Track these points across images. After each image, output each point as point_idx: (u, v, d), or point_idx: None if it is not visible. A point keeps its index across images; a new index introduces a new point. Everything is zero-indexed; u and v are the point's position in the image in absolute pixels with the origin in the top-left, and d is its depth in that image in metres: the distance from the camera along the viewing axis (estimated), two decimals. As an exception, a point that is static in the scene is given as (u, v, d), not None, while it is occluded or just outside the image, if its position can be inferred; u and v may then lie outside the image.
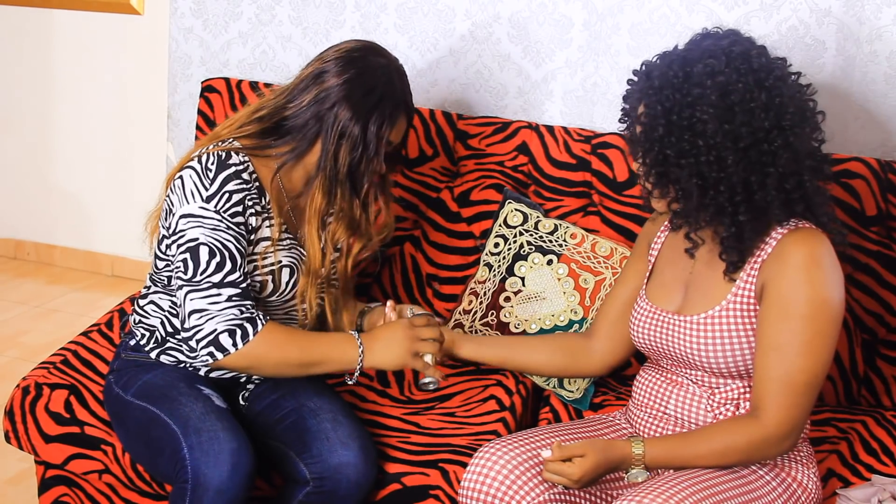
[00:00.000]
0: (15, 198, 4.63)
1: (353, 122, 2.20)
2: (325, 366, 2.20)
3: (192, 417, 2.13)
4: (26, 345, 3.82)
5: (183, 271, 2.12)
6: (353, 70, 2.23)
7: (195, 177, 2.15)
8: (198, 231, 2.12)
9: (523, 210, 2.73)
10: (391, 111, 2.23)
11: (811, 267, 1.91)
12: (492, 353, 2.33)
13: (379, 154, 2.23)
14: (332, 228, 2.28)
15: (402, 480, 2.23)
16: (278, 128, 2.27)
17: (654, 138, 1.94)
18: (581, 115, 2.98)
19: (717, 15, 2.79)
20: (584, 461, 1.90)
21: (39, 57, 4.40)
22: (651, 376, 2.16)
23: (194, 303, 2.11)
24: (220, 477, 2.05)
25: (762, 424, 1.92)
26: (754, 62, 1.92)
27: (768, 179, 1.92)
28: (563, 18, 2.95)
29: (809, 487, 2.03)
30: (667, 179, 1.97)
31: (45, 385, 2.43)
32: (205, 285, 2.10)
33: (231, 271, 2.12)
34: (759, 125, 1.90)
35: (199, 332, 2.10)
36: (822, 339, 1.91)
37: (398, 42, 3.11)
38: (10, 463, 3.03)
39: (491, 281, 2.70)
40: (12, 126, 4.55)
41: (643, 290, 2.19)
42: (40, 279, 4.42)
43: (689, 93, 1.90)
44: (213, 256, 2.11)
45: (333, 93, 2.21)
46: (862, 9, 2.69)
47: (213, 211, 2.13)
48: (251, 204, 2.18)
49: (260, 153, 2.25)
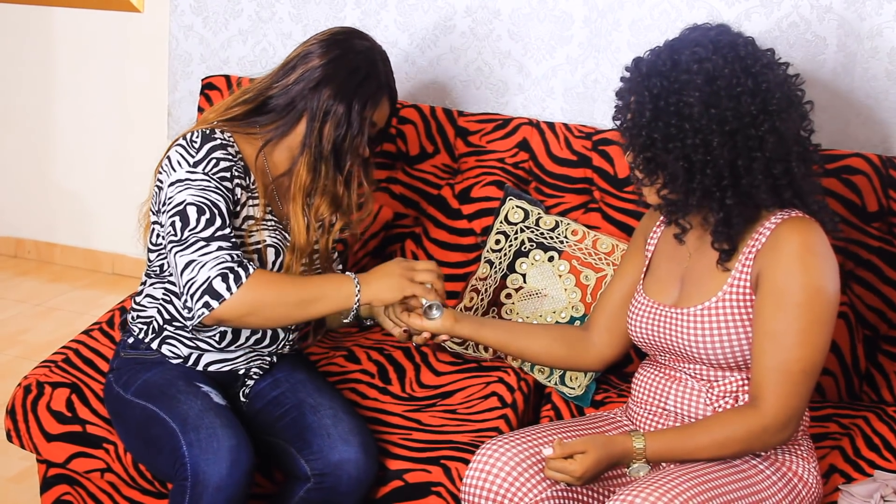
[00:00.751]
0: (15, 196, 4.63)
1: (337, 100, 2.23)
2: (324, 302, 2.15)
3: (191, 415, 2.13)
4: (27, 343, 3.82)
5: (173, 234, 2.12)
6: (338, 51, 2.27)
7: (181, 150, 2.18)
8: (185, 193, 2.13)
9: (524, 207, 2.73)
10: (374, 92, 2.27)
11: (805, 255, 1.92)
12: (492, 335, 2.28)
13: (362, 133, 2.26)
14: (316, 204, 2.29)
15: (404, 477, 2.23)
16: (263, 107, 2.30)
17: (642, 124, 1.95)
18: (582, 111, 2.98)
19: (717, 11, 2.79)
20: (585, 458, 1.90)
21: (40, 54, 4.40)
22: (649, 373, 2.16)
23: (185, 257, 2.09)
24: (219, 474, 2.05)
25: (761, 413, 1.92)
26: (741, 50, 1.94)
27: (755, 164, 1.93)
28: (563, 15, 2.95)
29: (810, 482, 2.03)
30: (655, 165, 1.98)
31: (46, 384, 2.42)
32: (193, 240, 2.10)
33: (221, 227, 2.12)
34: (746, 110, 1.91)
35: (193, 283, 2.07)
36: (818, 328, 1.91)
37: (398, 39, 3.11)
38: (12, 461, 3.03)
39: (492, 278, 2.70)
40: (12, 124, 4.54)
41: (640, 286, 2.19)
42: (41, 277, 4.42)
43: (677, 79, 1.92)
44: (202, 213, 2.11)
45: (318, 73, 2.25)
46: (863, 5, 2.69)
47: (201, 173, 2.15)
48: (237, 174, 2.21)
49: (244, 131, 2.28)
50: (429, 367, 2.62)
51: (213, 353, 2.30)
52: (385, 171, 2.96)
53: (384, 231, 2.92)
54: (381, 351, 2.67)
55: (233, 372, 2.34)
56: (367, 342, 2.73)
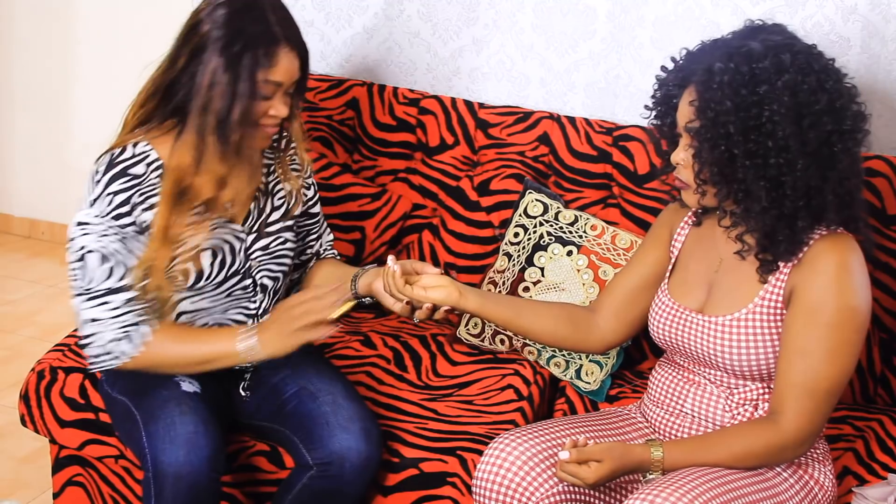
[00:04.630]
0: (31, 177, 4.63)
1: (221, 69, 2.03)
2: (221, 361, 2.14)
3: (154, 406, 2.11)
4: (40, 324, 3.83)
5: (77, 278, 2.10)
6: (224, 12, 2.05)
7: (90, 180, 2.11)
8: (86, 239, 2.08)
9: (543, 200, 2.72)
10: (265, 49, 2.04)
11: (842, 274, 1.90)
12: (497, 311, 2.20)
13: (256, 96, 2.05)
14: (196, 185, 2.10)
15: (419, 466, 2.23)
16: (171, 98, 2.10)
17: (721, 135, 1.88)
18: (603, 106, 2.97)
19: (741, 9, 2.78)
20: (600, 467, 1.87)
21: (59, 36, 4.40)
22: (668, 373, 2.15)
23: (90, 311, 2.09)
24: (176, 462, 2.02)
25: (781, 430, 1.91)
26: (815, 64, 1.89)
27: (827, 184, 1.90)
28: (587, 10, 2.94)
29: (826, 485, 2.03)
30: (731, 178, 1.91)
31: (59, 369, 2.43)
32: (99, 292, 2.08)
33: (123, 276, 2.08)
34: (823, 128, 1.87)
35: (95, 342, 2.10)
36: (847, 348, 1.90)
37: (421, 29, 3.11)
38: (25, 441, 3.04)
39: (510, 270, 2.70)
40: (29, 105, 4.55)
41: (665, 285, 2.17)
42: (55, 259, 4.42)
43: (756, 91, 1.85)
44: (103, 262, 2.08)
45: (205, 42, 2.04)
46: (888, 6, 2.68)
47: (94, 217, 2.08)
48: (141, 199, 2.09)
49: (160, 133, 2.13)
50: (445, 357, 2.62)
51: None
52: (404, 161, 2.96)
53: (402, 221, 2.92)
54: (398, 338, 2.68)
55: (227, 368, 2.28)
56: (384, 328, 2.74)
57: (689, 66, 1.99)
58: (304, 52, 2.14)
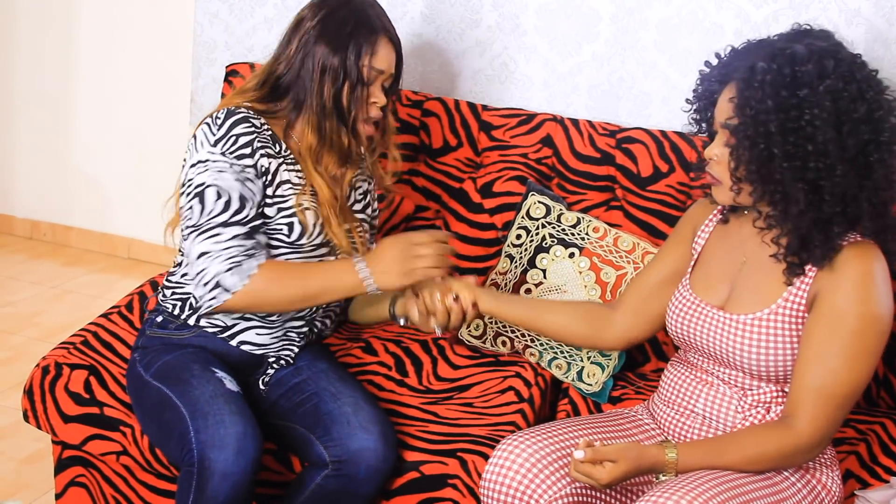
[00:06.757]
0: (33, 178, 4.63)
1: (330, 55, 2.26)
2: (329, 295, 2.23)
3: (201, 401, 2.14)
4: (42, 325, 3.83)
5: (191, 217, 2.17)
6: (325, 10, 2.29)
7: (205, 128, 2.24)
8: (204, 175, 2.19)
9: (546, 202, 2.72)
10: (368, 38, 2.28)
11: (867, 283, 1.90)
12: (511, 311, 2.26)
13: (363, 82, 2.29)
14: (324, 161, 2.33)
15: (420, 469, 2.23)
16: (277, 87, 2.33)
17: (761, 133, 1.88)
18: (606, 109, 2.97)
19: (745, 12, 2.78)
20: (615, 468, 1.87)
21: (61, 37, 4.40)
22: (680, 372, 2.14)
23: (200, 246, 2.15)
24: (225, 461, 2.06)
25: (795, 434, 1.91)
26: (857, 73, 1.89)
27: (863, 192, 1.90)
28: (590, 12, 2.94)
29: (833, 489, 2.02)
30: (769, 179, 1.91)
31: (64, 365, 2.43)
32: (210, 225, 2.15)
33: (237, 211, 2.17)
34: (861, 137, 1.87)
35: (205, 275, 2.14)
36: (866, 355, 1.90)
37: (425, 31, 3.11)
38: (26, 442, 3.03)
39: (512, 272, 2.69)
40: (32, 106, 4.55)
41: (686, 279, 2.16)
42: (56, 260, 4.42)
43: (796, 93, 1.86)
44: (219, 197, 2.17)
45: (311, 35, 2.28)
46: (892, 10, 2.68)
47: (219, 154, 2.20)
48: (261, 146, 2.24)
49: (269, 114, 2.32)
50: (446, 361, 2.62)
51: (251, 331, 2.33)
52: (407, 163, 2.96)
53: (404, 223, 2.92)
54: (399, 343, 2.67)
55: (259, 357, 2.35)
56: (385, 334, 2.74)
57: (732, 63, 2.01)
58: (399, 47, 2.37)
